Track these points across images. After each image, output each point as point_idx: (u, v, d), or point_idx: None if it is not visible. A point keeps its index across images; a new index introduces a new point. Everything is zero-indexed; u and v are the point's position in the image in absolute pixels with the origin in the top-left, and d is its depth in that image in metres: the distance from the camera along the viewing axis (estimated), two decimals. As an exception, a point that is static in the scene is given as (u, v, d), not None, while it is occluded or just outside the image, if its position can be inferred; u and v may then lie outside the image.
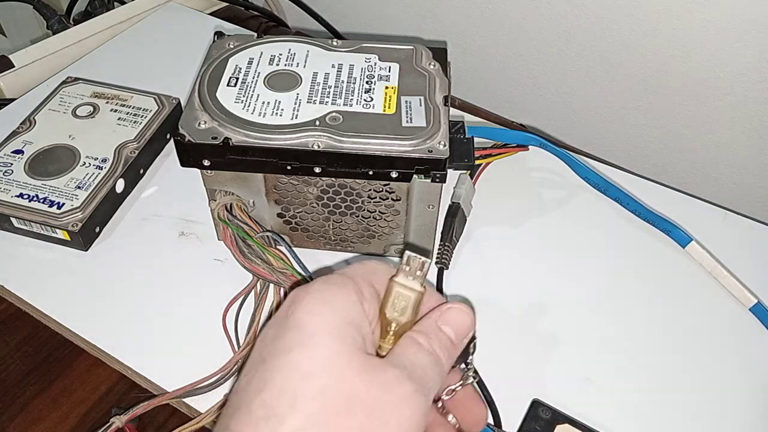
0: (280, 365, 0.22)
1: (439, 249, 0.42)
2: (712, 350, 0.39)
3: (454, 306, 0.26)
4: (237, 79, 0.39)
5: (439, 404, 0.28)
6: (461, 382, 0.27)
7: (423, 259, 0.25)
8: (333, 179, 0.38)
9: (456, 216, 0.43)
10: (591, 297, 0.42)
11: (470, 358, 0.27)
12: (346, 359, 0.22)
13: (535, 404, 0.36)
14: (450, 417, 0.28)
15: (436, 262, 0.42)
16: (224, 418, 0.22)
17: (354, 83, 0.39)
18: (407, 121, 0.37)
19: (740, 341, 0.40)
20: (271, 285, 0.39)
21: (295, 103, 0.38)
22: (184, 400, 0.36)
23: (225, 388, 0.36)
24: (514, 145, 0.49)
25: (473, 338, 0.27)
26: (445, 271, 0.42)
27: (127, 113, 0.49)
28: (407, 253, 0.25)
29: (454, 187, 0.46)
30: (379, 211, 0.40)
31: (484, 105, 0.60)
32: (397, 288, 0.25)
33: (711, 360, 0.39)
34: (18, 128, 0.47)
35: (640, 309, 0.41)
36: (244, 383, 0.23)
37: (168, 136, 0.50)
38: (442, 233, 0.43)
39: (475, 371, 0.28)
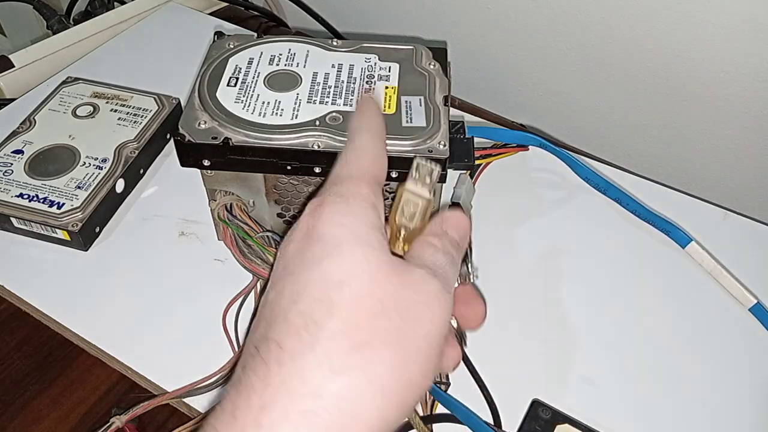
0: (312, 277, 0.23)
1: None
2: (711, 350, 0.39)
3: (453, 212, 0.27)
4: (237, 79, 0.39)
5: None
6: (462, 279, 0.28)
7: (432, 165, 0.25)
8: (333, 179, 0.38)
9: (456, 216, 0.43)
10: (591, 297, 0.42)
11: (470, 258, 0.28)
12: (375, 264, 0.23)
13: (535, 404, 0.36)
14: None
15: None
16: (258, 329, 0.23)
17: (354, 83, 0.39)
18: (407, 121, 0.37)
19: (740, 341, 0.40)
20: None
21: (295, 103, 0.38)
22: (184, 400, 0.36)
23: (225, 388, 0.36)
24: (514, 145, 0.49)
25: (470, 241, 0.28)
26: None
27: (127, 113, 0.49)
28: (417, 160, 0.25)
29: (454, 188, 0.46)
30: (379, 211, 0.40)
31: (484, 105, 0.60)
32: (407, 195, 0.25)
33: (711, 360, 0.39)
34: (18, 128, 0.47)
35: (640, 309, 0.41)
36: (273, 296, 0.23)
37: (168, 136, 0.50)
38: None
39: (475, 270, 0.29)
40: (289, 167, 0.36)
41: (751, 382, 0.38)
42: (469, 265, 0.28)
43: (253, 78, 0.39)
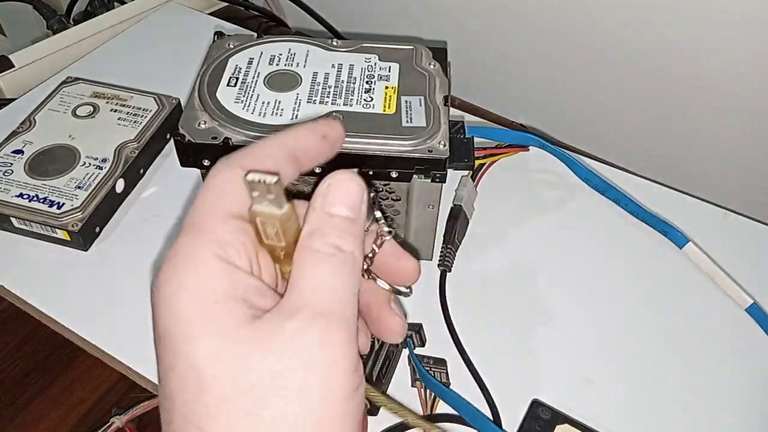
0: (170, 394, 0.19)
1: (441, 252, 0.42)
2: (708, 351, 0.39)
3: (333, 180, 0.22)
4: (237, 79, 0.39)
5: (362, 270, 0.24)
6: (376, 242, 0.24)
7: (264, 177, 0.20)
8: (333, 179, 0.38)
9: (458, 219, 0.43)
10: (590, 297, 0.42)
11: (376, 212, 0.23)
12: (231, 349, 0.19)
13: (535, 404, 0.36)
14: (380, 282, 0.25)
15: (439, 265, 0.42)
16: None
17: (354, 83, 0.39)
18: (407, 121, 0.37)
19: (737, 342, 0.40)
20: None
21: (295, 103, 0.38)
22: (184, 400, 0.36)
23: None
24: (515, 145, 0.50)
25: (372, 193, 0.23)
26: (447, 274, 0.42)
27: (127, 113, 0.49)
28: (249, 176, 0.20)
29: (456, 190, 0.46)
30: (379, 211, 0.40)
31: (484, 105, 0.60)
32: (258, 218, 0.21)
33: (708, 360, 0.39)
34: (18, 128, 0.47)
35: (638, 309, 0.41)
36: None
37: (168, 136, 0.50)
38: (444, 236, 0.43)
39: (389, 224, 0.24)
40: (289, 167, 0.36)
41: (749, 382, 0.38)
42: (380, 221, 0.23)
43: (253, 78, 0.39)
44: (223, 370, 0.18)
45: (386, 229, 0.24)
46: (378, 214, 0.23)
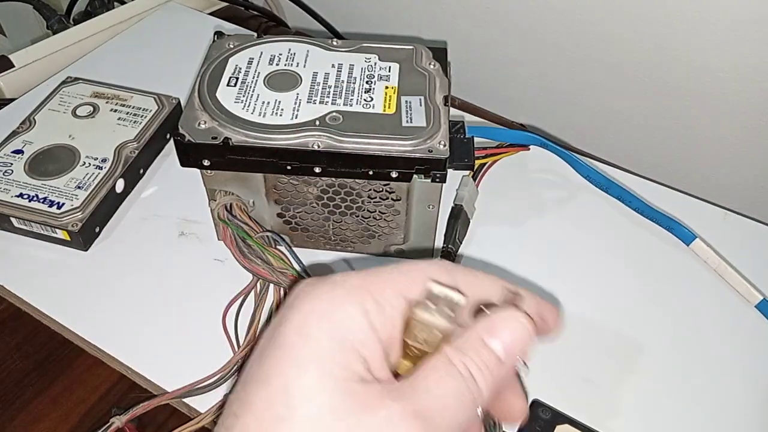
0: (255, 400, 0.19)
1: (442, 252, 0.42)
2: (717, 348, 0.39)
3: (510, 316, 0.21)
4: (237, 79, 0.39)
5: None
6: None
7: (453, 296, 0.20)
8: (333, 179, 0.38)
9: (459, 218, 0.43)
10: (593, 296, 0.42)
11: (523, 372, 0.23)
12: (332, 397, 0.19)
13: (535, 404, 0.36)
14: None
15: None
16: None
17: (354, 83, 0.39)
18: (407, 121, 0.37)
19: (746, 339, 0.40)
20: (271, 285, 0.39)
21: (295, 103, 0.38)
22: (183, 400, 0.36)
23: (225, 388, 0.36)
24: (515, 144, 0.49)
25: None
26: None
27: (127, 113, 0.49)
28: (434, 287, 0.20)
29: (457, 190, 0.46)
30: (379, 211, 0.40)
31: (484, 105, 0.60)
32: (418, 323, 0.21)
33: (716, 358, 0.39)
34: (18, 128, 0.47)
35: (643, 308, 0.41)
36: (227, 404, 0.20)
37: (168, 136, 0.50)
38: (445, 236, 0.43)
39: (525, 363, 0.23)
40: (289, 167, 0.36)
41: (758, 379, 0.38)
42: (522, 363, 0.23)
43: (253, 78, 0.39)
44: (311, 410, 0.19)
45: (525, 367, 0.23)
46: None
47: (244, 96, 0.38)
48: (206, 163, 0.37)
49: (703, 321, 0.41)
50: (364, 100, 0.38)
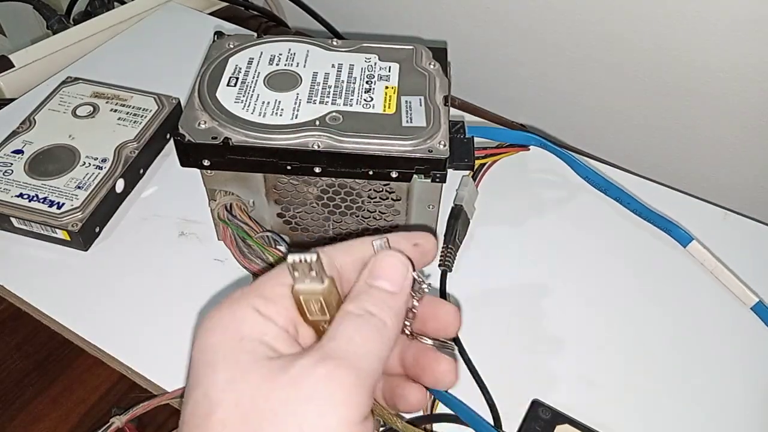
0: (185, 413, 0.21)
1: (442, 252, 0.42)
2: (713, 349, 0.39)
3: (381, 255, 0.23)
4: (237, 79, 0.39)
5: (407, 331, 0.26)
6: (414, 298, 0.25)
7: (306, 257, 0.21)
8: (333, 179, 0.38)
9: (459, 218, 0.43)
10: (592, 296, 0.42)
11: (415, 274, 0.24)
12: (242, 379, 0.20)
13: (535, 404, 0.36)
14: (423, 339, 0.26)
15: (440, 265, 0.42)
16: None
17: (354, 83, 0.39)
18: (407, 121, 0.37)
19: (742, 340, 0.40)
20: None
21: (295, 103, 0.38)
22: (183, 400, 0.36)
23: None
24: (515, 144, 0.49)
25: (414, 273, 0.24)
26: (448, 274, 0.42)
27: (127, 113, 0.49)
28: (289, 258, 0.22)
29: (457, 190, 0.46)
30: (379, 211, 0.40)
31: (484, 105, 0.60)
32: (301, 297, 0.22)
33: (712, 359, 0.39)
34: (18, 128, 0.47)
35: (641, 308, 0.41)
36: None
37: (168, 136, 0.50)
38: (445, 236, 0.43)
39: (425, 280, 0.25)
40: (289, 167, 0.36)
41: (753, 380, 0.38)
42: (421, 282, 0.25)
43: (253, 78, 0.39)
44: (229, 397, 0.20)
45: (426, 284, 0.25)
46: (416, 275, 0.24)
47: (244, 96, 0.38)
48: (206, 163, 0.37)
49: (699, 322, 0.41)
50: (364, 100, 0.38)
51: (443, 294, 0.41)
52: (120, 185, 0.45)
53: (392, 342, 0.22)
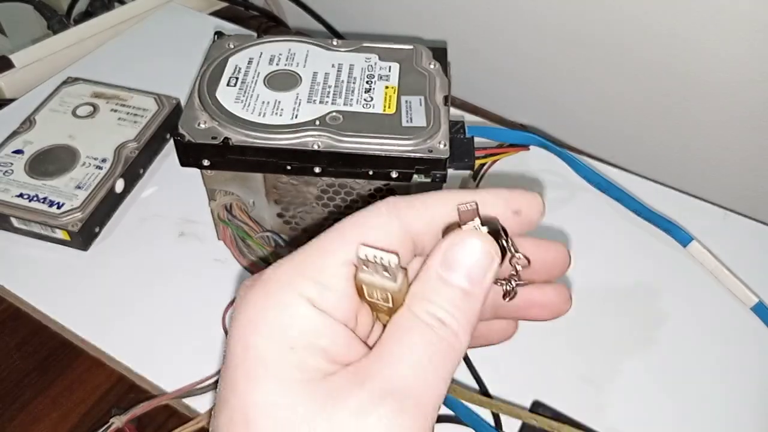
0: (219, 424, 0.18)
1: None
2: (713, 350, 0.39)
3: (457, 238, 0.19)
4: (237, 78, 0.39)
5: (506, 298, 0.22)
6: (511, 284, 0.21)
7: (384, 258, 0.18)
8: (333, 179, 0.38)
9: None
10: (592, 296, 0.42)
11: (509, 248, 0.20)
12: (287, 404, 0.17)
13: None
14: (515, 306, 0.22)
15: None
16: None
17: (354, 83, 0.39)
18: (407, 121, 0.37)
19: (742, 341, 0.40)
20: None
21: (295, 103, 0.38)
22: (183, 400, 0.36)
23: (225, 388, 0.36)
24: (516, 144, 0.49)
25: (504, 241, 0.19)
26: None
27: (127, 113, 0.49)
28: (360, 251, 0.18)
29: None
30: (379, 211, 0.40)
31: (485, 105, 0.60)
32: (366, 287, 0.19)
33: (712, 359, 0.39)
34: (18, 128, 0.47)
35: (641, 308, 0.41)
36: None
37: (168, 136, 0.50)
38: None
39: (522, 255, 0.21)
40: (288, 167, 0.36)
41: (754, 381, 0.38)
42: (519, 258, 0.20)
43: (253, 78, 0.39)
44: (269, 424, 0.17)
45: (525, 260, 0.21)
46: (513, 248, 0.20)
47: (244, 96, 0.38)
48: (206, 163, 0.37)
49: (699, 323, 0.41)
50: (364, 100, 0.38)
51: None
52: (120, 185, 0.45)
53: (462, 355, 0.19)
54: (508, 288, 0.21)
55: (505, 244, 0.20)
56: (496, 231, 0.19)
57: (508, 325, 0.24)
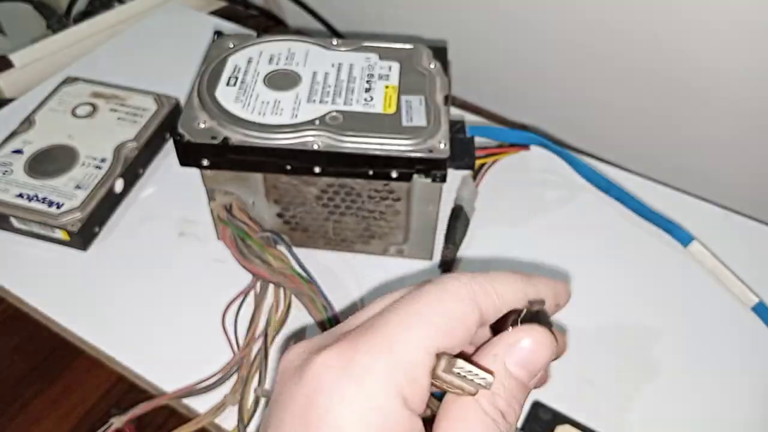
0: None
1: (442, 252, 0.42)
2: (713, 350, 0.39)
3: (531, 335, 0.19)
4: (236, 78, 0.39)
5: None
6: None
7: (477, 375, 0.18)
8: (333, 179, 0.38)
9: (459, 218, 0.43)
10: (592, 296, 0.42)
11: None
12: None
13: (536, 405, 0.36)
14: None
15: (439, 266, 0.42)
16: None
17: (354, 82, 0.39)
18: (407, 121, 0.37)
19: (742, 341, 0.40)
20: (271, 285, 0.38)
21: (295, 103, 0.38)
22: (183, 400, 0.36)
23: (224, 388, 0.36)
24: (516, 144, 0.49)
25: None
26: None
27: (127, 113, 0.49)
28: (457, 365, 0.18)
29: (457, 189, 0.46)
30: (379, 211, 0.40)
31: (485, 104, 0.60)
32: (446, 383, 0.19)
33: (713, 360, 0.39)
34: (18, 128, 0.47)
35: (641, 308, 0.41)
36: None
37: (167, 136, 0.50)
38: (445, 236, 0.43)
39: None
40: (288, 167, 0.36)
41: (754, 381, 0.38)
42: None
43: (253, 77, 0.39)
44: None
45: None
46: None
47: (243, 95, 0.38)
48: (206, 162, 0.37)
49: (699, 323, 0.41)
50: (364, 99, 0.38)
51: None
52: (119, 185, 0.45)
53: None
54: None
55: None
56: (550, 324, 0.21)
57: None
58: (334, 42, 0.42)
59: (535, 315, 0.20)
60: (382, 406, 0.18)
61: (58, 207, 0.42)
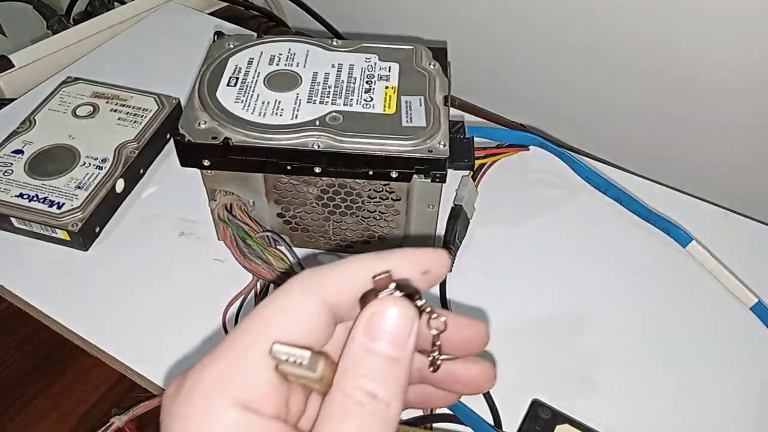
0: None
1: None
2: (712, 350, 0.39)
3: (377, 307, 0.19)
4: (237, 79, 0.39)
5: (431, 369, 0.22)
6: (434, 356, 0.21)
7: (295, 354, 0.18)
8: (333, 179, 0.38)
9: (458, 219, 0.43)
10: (591, 297, 0.42)
11: (424, 309, 0.20)
12: None
13: (535, 404, 0.36)
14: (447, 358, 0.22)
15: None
16: None
17: (354, 83, 0.39)
18: (407, 121, 0.37)
19: (741, 340, 0.40)
20: (271, 285, 0.39)
21: (295, 103, 0.38)
22: (184, 400, 0.36)
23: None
24: (515, 144, 0.49)
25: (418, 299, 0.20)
26: (448, 274, 0.42)
27: (127, 113, 0.49)
28: (274, 349, 0.18)
29: (456, 190, 0.46)
30: (379, 211, 0.40)
31: (484, 105, 0.60)
32: (289, 375, 0.19)
33: (712, 359, 0.39)
34: (18, 128, 0.47)
35: (641, 309, 0.41)
36: None
37: (168, 136, 0.50)
38: (444, 236, 0.43)
39: (441, 313, 0.21)
40: (289, 167, 0.36)
41: (753, 381, 0.38)
42: (437, 317, 0.21)
43: (253, 78, 0.39)
44: None
45: (443, 318, 0.20)
46: (428, 308, 0.20)
47: (244, 96, 0.38)
48: (206, 163, 0.37)
49: (699, 323, 0.41)
50: (364, 100, 0.38)
51: (442, 293, 0.41)
52: (120, 185, 0.45)
53: (398, 419, 0.19)
54: (431, 359, 0.22)
55: (420, 305, 0.20)
56: (411, 294, 0.20)
57: (448, 394, 0.24)
58: (335, 42, 0.42)
59: (397, 288, 0.20)
60: (210, 412, 0.17)
61: (59, 207, 0.42)
